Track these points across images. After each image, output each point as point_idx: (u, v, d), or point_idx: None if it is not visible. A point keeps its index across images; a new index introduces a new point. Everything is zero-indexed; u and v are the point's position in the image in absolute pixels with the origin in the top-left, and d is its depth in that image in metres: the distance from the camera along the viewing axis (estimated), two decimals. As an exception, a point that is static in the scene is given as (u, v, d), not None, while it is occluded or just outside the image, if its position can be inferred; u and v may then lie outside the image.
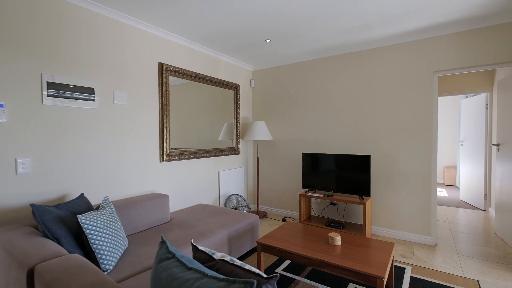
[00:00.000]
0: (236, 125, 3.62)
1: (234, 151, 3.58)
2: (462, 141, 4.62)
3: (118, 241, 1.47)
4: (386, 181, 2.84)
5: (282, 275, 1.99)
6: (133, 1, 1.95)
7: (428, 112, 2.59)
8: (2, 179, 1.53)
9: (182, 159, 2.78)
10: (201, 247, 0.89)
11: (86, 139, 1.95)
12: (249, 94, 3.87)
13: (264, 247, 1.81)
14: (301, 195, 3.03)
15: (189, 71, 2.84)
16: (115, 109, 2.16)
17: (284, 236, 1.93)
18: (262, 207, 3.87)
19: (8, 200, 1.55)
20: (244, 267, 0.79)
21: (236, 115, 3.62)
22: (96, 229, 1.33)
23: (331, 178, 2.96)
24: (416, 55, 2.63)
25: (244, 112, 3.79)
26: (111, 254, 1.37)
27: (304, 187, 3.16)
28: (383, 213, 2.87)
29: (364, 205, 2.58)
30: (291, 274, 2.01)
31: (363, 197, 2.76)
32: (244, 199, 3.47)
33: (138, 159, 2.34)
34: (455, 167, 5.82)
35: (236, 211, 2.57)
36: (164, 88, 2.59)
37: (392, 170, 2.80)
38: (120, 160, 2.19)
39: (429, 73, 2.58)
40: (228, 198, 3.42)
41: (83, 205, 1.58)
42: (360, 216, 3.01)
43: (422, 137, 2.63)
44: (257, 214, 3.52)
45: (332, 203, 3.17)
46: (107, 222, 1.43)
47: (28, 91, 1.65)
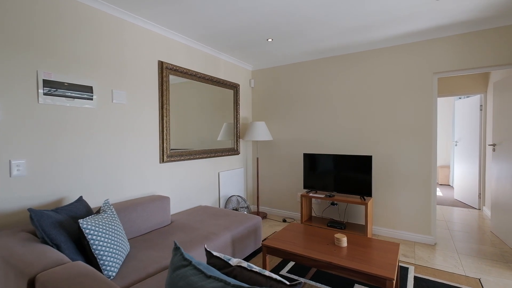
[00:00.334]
0: (236, 125, 3.58)
1: (234, 152, 3.54)
2: (457, 142, 4.71)
3: (121, 246, 1.41)
4: (386, 181, 2.86)
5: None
6: (134, -3, 1.89)
7: (428, 113, 2.62)
8: (-4, 182, 1.45)
9: (182, 160, 2.73)
10: (216, 253, 0.85)
11: (84, 140, 1.88)
12: (249, 94, 3.83)
13: (270, 250, 1.79)
14: (303, 196, 3.01)
15: (190, 70, 2.78)
16: (114, 109, 2.09)
17: (289, 238, 1.91)
18: (262, 208, 3.84)
19: (2, 205, 1.47)
20: (264, 274, 0.76)
21: (236, 115, 3.57)
22: (98, 234, 1.27)
23: (333, 179, 2.95)
24: (416, 57, 2.66)
25: (244, 112, 3.75)
26: (114, 260, 1.32)
27: (305, 188, 3.14)
28: (384, 213, 2.88)
29: (366, 206, 2.59)
30: (296, 276, 1.99)
31: (365, 198, 2.77)
32: (245, 200, 3.44)
33: (138, 160, 2.28)
34: (449, 167, 5.94)
35: (238, 213, 2.53)
36: (164, 87, 2.53)
37: (392, 170, 2.82)
38: (119, 161, 2.12)
39: (429, 75, 2.61)
40: (229, 199, 3.38)
41: (83, 209, 1.51)
42: (361, 216, 3.02)
43: (422, 138, 2.65)
44: (257, 215, 3.49)
45: (333, 204, 3.17)
46: (109, 226, 1.37)
47: (23, 89, 1.57)
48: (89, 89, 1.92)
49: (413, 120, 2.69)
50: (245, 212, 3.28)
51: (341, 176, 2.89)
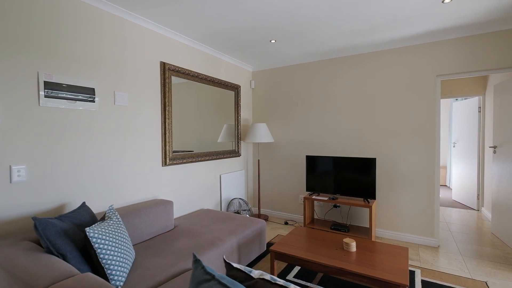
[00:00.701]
0: (237, 127, 3.54)
1: (235, 154, 3.51)
2: (455, 143, 4.77)
3: (127, 254, 1.36)
4: (389, 184, 2.86)
5: (294, 282, 1.94)
6: (138, -3, 1.84)
7: (431, 115, 2.63)
8: (-5, 189, 1.39)
9: (184, 163, 2.68)
10: (236, 265, 0.82)
11: (86, 144, 1.82)
12: (249, 95, 3.80)
13: (278, 255, 1.76)
14: (305, 198, 3.00)
15: (191, 71, 2.74)
16: (116, 111, 2.04)
17: (296, 243, 1.89)
18: (263, 211, 3.81)
19: (3, 212, 1.40)
20: (289, 287, 0.73)
21: (237, 117, 3.54)
22: (105, 243, 1.22)
23: (336, 181, 2.94)
24: (419, 59, 2.67)
25: (244, 114, 3.72)
26: (121, 269, 1.27)
27: (308, 190, 3.13)
28: (387, 216, 2.89)
29: (371, 208, 2.58)
30: (303, 281, 1.96)
31: (368, 200, 2.76)
32: (246, 203, 3.40)
33: (140, 164, 2.22)
34: (446, 168, 6.01)
35: (242, 216, 2.49)
36: (167, 89, 2.48)
37: (395, 172, 2.82)
38: (121, 165, 2.07)
39: (432, 77, 2.62)
40: (230, 202, 3.34)
41: (87, 216, 1.46)
42: (364, 219, 3.01)
43: (425, 140, 2.66)
44: (259, 218, 3.46)
45: (336, 206, 3.16)
46: (115, 234, 1.32)
47: (24, 92, 1.51)
48: (91, 91, 1.87)
49: (416, 122, 2.70)
50: (247, 215, 3.25)
51: (345, 179, 2.88)
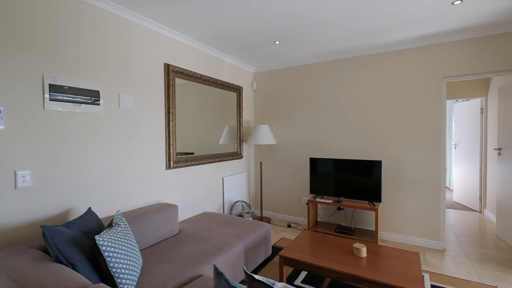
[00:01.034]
0: (239, 129, 3.51)
1: (237, 156, 3.48)
2: (456, 144, 4.78)
3: (136, 262, 1.33)
4: (394, 186, 2.85)
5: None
6: (144, -2, 1.81)
7: (437, 117, 2.62)
8: (0, 195, 1.35)
9: (188, 166, 2.64)
10: (258, 276, 0.79)
11: (90, 147, 1.78)
12: (250, 97, 3.78)
13: (288, 261, 1.73)
14: (310, 201, 2.97)
15: (195, 73, 2.71)
16: (121, 114, 2.00)
17: (305, 248, 1.86)
18: (266, 213, 3.78)
19: (7, 219, 1.36)
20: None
21: (239, 118, 3.51)
22: (115, 251, 1.19)
23: (340, 184, 2.93)
24: (425, 60, 2.66)
25: (246, 115, 3.69)
26: (131, 277, 1.24)
27: (311, 193, 3.11)
28: (392, 218, 2.87)
29: (377, 211, 2.57)
30: (311, 287, 1.94)
31: (374, 203, 2.75)
32: (249, 206, 3.38)
33: (143, 167, 2.19)
34: (446, 169, 6.02)
35: (247, 220, 2.47)
36: (171, 91, 2.45)
37: (401, 175, 2.81)
38: (125, 169, 2.03)
39: (438, 79, 2.61)
40: (233, 205, 3.31)
41: (93, 222, 1.42)
42: (368, 221, 3.00)
43: (431, 142, 2.65)
44: (261, 220, 3.44)
45: (339, 209, 3.14)
46: (124, 242, 1.29)
47: (28, 95, 1.47)
48: (96, 94, 1.83)
49: (422, 124, 2.69)
50: (250, 218, 3.22)
51: (349, 181, 2.86)
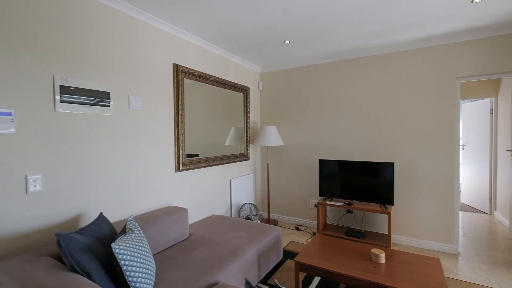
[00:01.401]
0: (246, 130, 3.47)
1: (244, 157, 3.43)
2: (464, 145, 4.72)
3: (151, 269, 1.29)
4: (407, 188, 2.80)
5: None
6: (155, -3, 1.77)
7: (451, 119, 2.57)
8: (11, 200, 1.30)
9: (196, 168, 2.60)
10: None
11: (100, 150, 1.74)
12: (257, 97, 3.73)
13: (304, 267, 1.68)
14: (319, 204, 2.92)
15: (203, 73, 2.67)
16: (131, 116, 1.96)
17: (320, 253, 1.81)
18: (272, 215, 3.74)
19: (18, 224, 1.32)
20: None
21: (246, 119, 3.46)
22: (131, 259, 1.14)
23: (351, 186, 2.87)
24: (439, 60, 2.61)
25: (252, 116, 3.64)
26: (146, 286, 1.19)
27: (321, 195, 3.06)
28: (404, 221, 2.82)
29: (389, 215, 2.51)
30: (326, 292, 1.89)
31: (386, 206, 2.69)
32: (257, 208, 3.33)
33: (153, 170, 2.14)
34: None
35: (257, 223, 2.42)
36: (180, 92, 2.40)
37: (413, 177, 2.76)
38: (135, 172, 1.99)
39: (452, 79, 2.56)
40: (241, 207, 3.26)
41: (106, 228, 1.38)
42: (379, 224, 2.95)
43: (444, 143, 2.60)
44: (268, 223, 3.39)
45: (349, 211, 3.09)
46: (139, 249, 1.25)
47: (39, 96, 1.43)
48: (106, 95, 1.79)
49: (435, 126, 2.64)
50: (258, 221, 3.17)
51: (360, 184, 2.81)
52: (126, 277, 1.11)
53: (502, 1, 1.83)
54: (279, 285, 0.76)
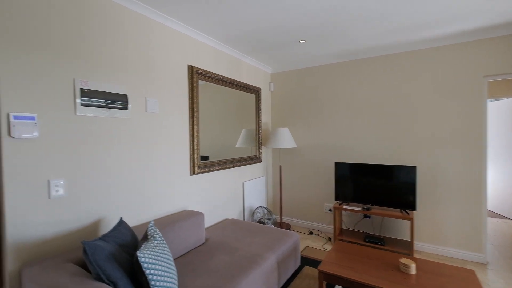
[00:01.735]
0: (258, 131, 3.41)
1: (256, 160, 3.37)
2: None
3: (173, 277, 1.24)
4: (429, 193, 2.67)
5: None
6: (174, -1, 1.74)
7: (478, 119, 2.44)
8: (33, 205, 1.29)
9: (211, 171, 2.56)
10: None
11: (119, 154, 1.72)
12: (268, 98, 3.67)
13: (328, 276, 1.61)
14: (336, 208, 2.83)
15: (217, 75, 2.63)
16: (148, 118, 1.94)
17: (343, 261, 1.73)
18: (285, 219, 3.66)
19: (43, 230, 1.31)
20: None
21: (258, 121, 3.41)
22: (155, 268, 1.11)
23: (369, 190, 2.78)
24: (464, 58, 2.49)
25: (263, 117, 3.58)
26: (170, 296, 1.15)
27: (337, 199, 2.97)
28: (427, 228, 2.70)
29: (412, 221, 2.40)
30: (349, 303, 1.80)
31: (407, 211, 2.58)
32: (270, 212, 3.26)
33: (169, 174, 2.12)
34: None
35: (274, 229, 2.36)
36: (194, 94, 2.37)
37: (436, 181, 2.64)
38: (152, 176, 1.96)
39: (478, 78, 2.44)
40: (254, 211, 3.21)
41: (128, 234, 1.35)
42: (398, 230, 2.83)
43: (471, 145, 2.47)
44: (281, 227, 3.32)
45: (366, 216, 2.99)
46: (162, 256, 1.21)
47: (60, 100, 1.42)
48: (124, 98, 1.77)
49: (461, 127, 2.51)
50: (271, 225, 3.11)
51: (379, 188, 2.71)
52: (152, 287, 1.07)
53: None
54: None
